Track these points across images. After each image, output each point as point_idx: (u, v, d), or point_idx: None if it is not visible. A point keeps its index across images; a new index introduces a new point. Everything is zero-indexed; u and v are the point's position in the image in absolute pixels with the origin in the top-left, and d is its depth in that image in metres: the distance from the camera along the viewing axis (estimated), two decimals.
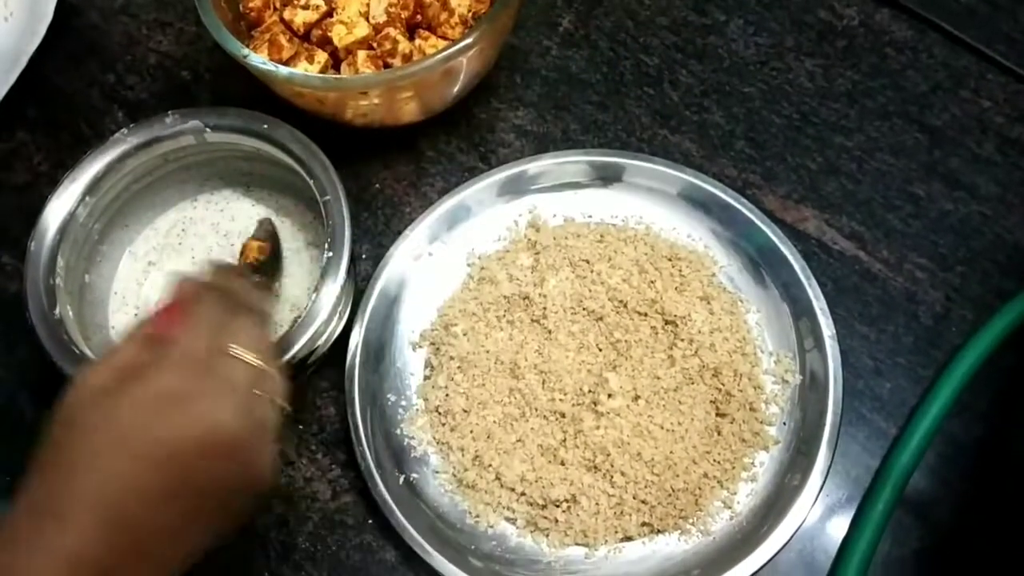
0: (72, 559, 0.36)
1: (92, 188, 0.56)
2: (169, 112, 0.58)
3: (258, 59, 0.55)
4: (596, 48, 0.69)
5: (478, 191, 0.62)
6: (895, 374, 0.58)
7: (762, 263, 0.59)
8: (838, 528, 0.54)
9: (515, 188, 0.63)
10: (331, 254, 0.54)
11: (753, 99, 0.66)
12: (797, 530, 0.52)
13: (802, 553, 0.53)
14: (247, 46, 0.57)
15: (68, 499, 0.37)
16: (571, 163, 0.63)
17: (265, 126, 0.57)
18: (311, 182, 0.56)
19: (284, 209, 0.62)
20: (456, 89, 0.62)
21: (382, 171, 0.65)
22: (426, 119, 0.64)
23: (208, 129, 0.57)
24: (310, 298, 0.53)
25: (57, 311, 0.53)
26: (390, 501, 0.53)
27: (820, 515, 0.54)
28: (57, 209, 0.55)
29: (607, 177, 0.62)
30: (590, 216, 0.62)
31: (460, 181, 0.63)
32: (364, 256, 0.62)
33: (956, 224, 0.62)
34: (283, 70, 0.56)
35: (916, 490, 0.55)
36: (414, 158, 0.65)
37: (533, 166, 0.62)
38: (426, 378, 0.58)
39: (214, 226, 0.63)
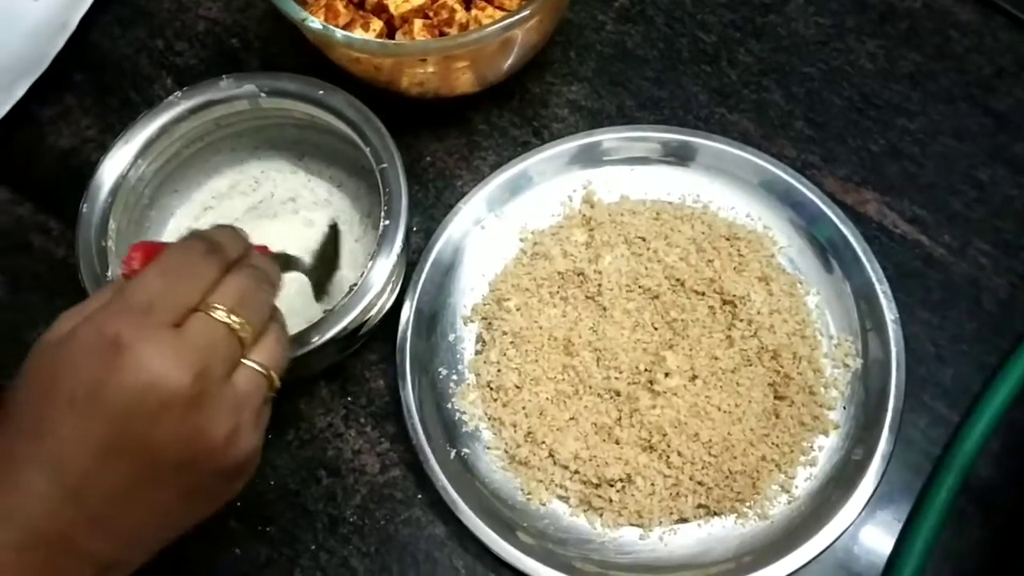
0: (27, 525, 0.35)
1: (145, 151, 0.55)
2: (224, 76, 0.57)
3: (317, 22, 0.54)
4: (652, 24, 0.67)
5: (531, 165, 0.61)
6: (958, 361, 0.56)
7: (823, 245, 0.58)
8: (898, 515, 0.53)
9: (569, 163, 0.61)
10: (387, 223, 0.53)
11: (813, 79, 0.65)
12: (857, 516, 0.51)
13: (861, 539, 0.52)
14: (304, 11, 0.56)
15: (23, 462, 0.35)
16: (626, 139, 0.61)
17: (321, 92, 0.56)
18: (367, 150, 0.55)
19: (335, 179, 0.61)
20: (511, 61, 0.61)
21: (433, 144, 0.64)
22: (479, 91, 0.63)
23: (263, 94, 0.56)
24: (365, 267, 0.52)
25: (109, 274, 0.53)
26: (442, 476, 0.52)
27: (880, 501, 0.53)
28: (110, 170, 0.55)
29: (663, 154, 0.61)
30: (645, 193, 0.61)
31: (513, 155, 0.62)
32: (415, 229, 0.61)
33: (1020, 209, 0.60)
34: (341, 33, 0.54)
35: (978, 478, 0.53)
36: (466, 131, 0.64)
37: (587, 141, 0.61)
38: (477, 353, 0.57)
39: (259, 190, 0.62)
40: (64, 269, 0.62)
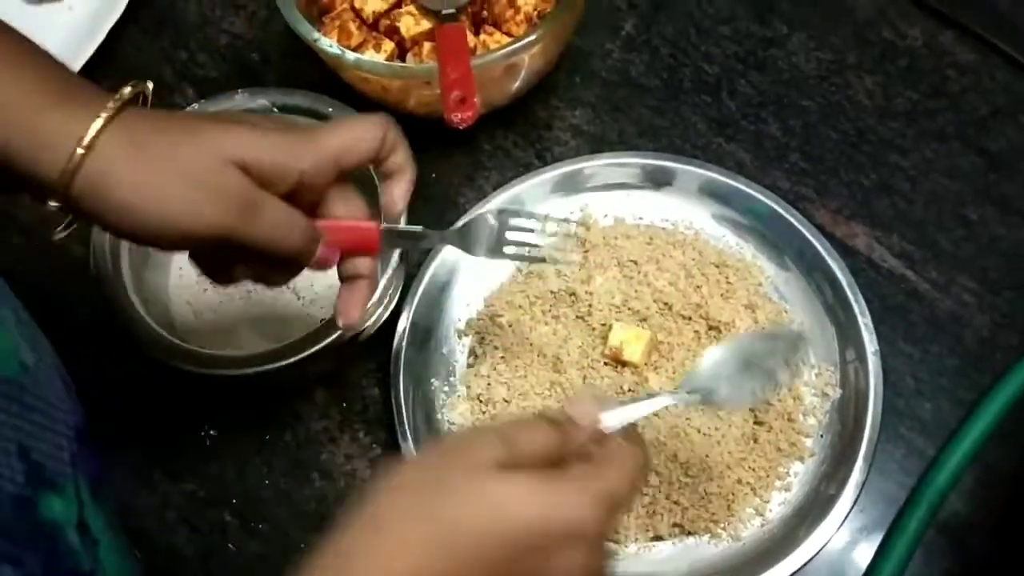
0: None
1: None
2: (239, 90, 0.59)
3: (327, 43, 0.57)
4: (656, 53, 0.69)
5: (532, 187, 0.63)
6: (936, 395, 0.58)
7: (809, 276, 0.59)
8: (869, 544, 0.54)
9: (568, 186, 0.63)
10: None
11: (810, 113, 0.66)
12: (828, 542, 0.52)
13: (831, 565, 0.54)
14: (318, 31, 0.58)
15: None
16: (625, 165, 0.63)
17: (330, 109, 0.59)
18: (371, 167, 0.57)
19: None
20: (517, 85, 0.63)
21: (439, 162, 0.66)
22: (485, 113, 0.65)
23: (275, 109, 0.59)
24: None
25: (124, 266, 0.56)
26: None
27: (852, 530, 0.54)
28: None
29: (659, 181, 0.63)
30: (640, 218, 0.63)
31: (515, 176, 0.64)
32: None
33: (1007, 249, 0.61)
34: (351, 55, 0.57)
35: (951, 513, 0.55)
36: (471, 151, 0.67)
37: (587, 165, 0.63)
38: (469, 366, 0.60)
39: None
40: (81, 267, 0.64)
